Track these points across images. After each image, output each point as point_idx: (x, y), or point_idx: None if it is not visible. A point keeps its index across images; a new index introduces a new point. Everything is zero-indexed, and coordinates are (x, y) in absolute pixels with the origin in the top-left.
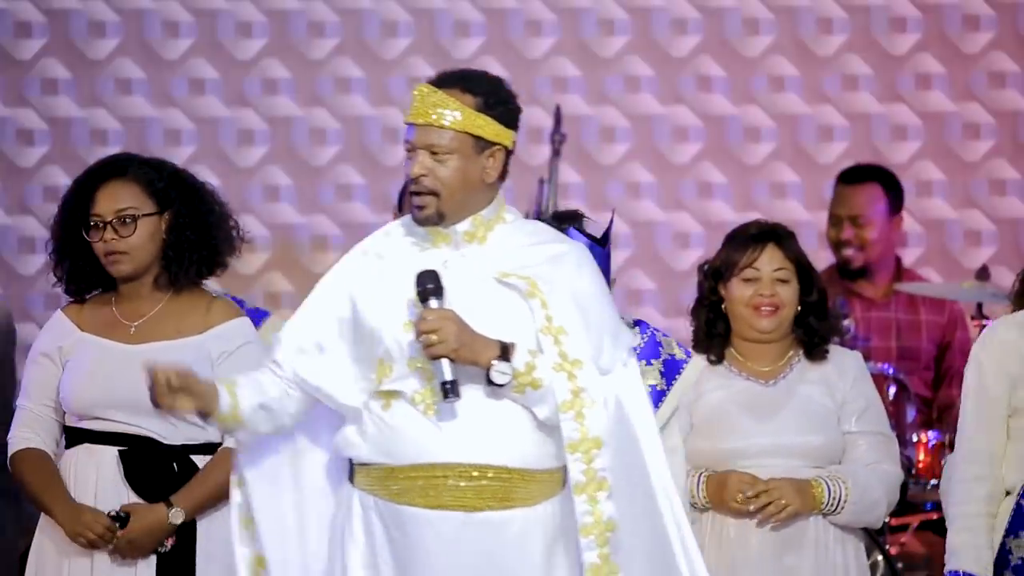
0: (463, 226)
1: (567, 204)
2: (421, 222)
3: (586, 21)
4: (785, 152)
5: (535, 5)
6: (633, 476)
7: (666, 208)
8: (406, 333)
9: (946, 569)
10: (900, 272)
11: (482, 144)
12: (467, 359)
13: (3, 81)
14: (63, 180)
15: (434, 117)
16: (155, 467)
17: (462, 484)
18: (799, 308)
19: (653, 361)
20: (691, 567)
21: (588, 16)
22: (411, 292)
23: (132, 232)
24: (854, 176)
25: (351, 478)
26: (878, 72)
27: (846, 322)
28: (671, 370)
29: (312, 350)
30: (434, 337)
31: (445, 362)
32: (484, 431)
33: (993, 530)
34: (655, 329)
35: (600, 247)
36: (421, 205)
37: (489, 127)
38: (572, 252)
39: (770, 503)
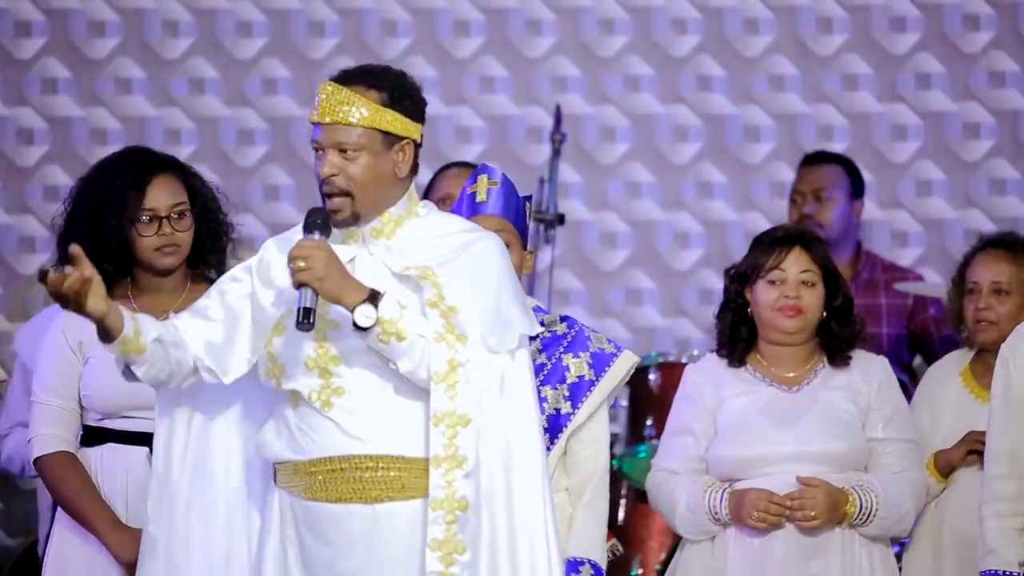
0: (371, 223)
1: (568, 203)
2: (338, 225)
3: (586, 21)
4: (785, 151)
5: (535, 4)
6: (496, 459)
7: (666, 207)
8: (301, 336)
9: (980, 568)
10: (859, 258)
11: (391, 139)
12: (331, 293)
13: (3, 80)
14: (63, 179)
15: (340, 115)
16: None
17: (362, 475)
18: (824, 313)
19: (581, 354)
20: (532, 563)
21: (588, 16)
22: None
23: (187, 226)
24: (817, 158)
25: (274, 478)
26: (878, 71)
27: None
28: (600, 362)
29: (207, 317)
30: (302, 263)
31: (308, 290)
32: (380, 423)
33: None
34: (583, 325)
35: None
36: (336, 209)
37: (397, 122)
38: (480, 241)
39: (801, 509)
